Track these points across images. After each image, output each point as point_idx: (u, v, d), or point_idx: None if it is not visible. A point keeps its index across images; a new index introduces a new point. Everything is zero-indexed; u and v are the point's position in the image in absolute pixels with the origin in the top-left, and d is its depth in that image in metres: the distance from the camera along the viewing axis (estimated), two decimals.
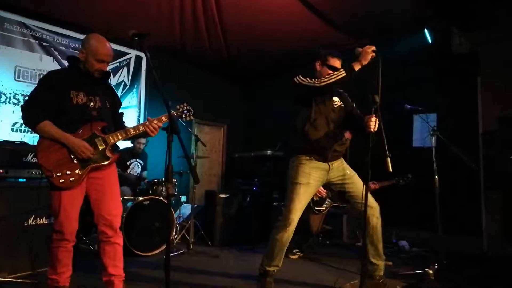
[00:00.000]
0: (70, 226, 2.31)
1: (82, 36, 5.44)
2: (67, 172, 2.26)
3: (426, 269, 3.18)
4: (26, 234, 3.00)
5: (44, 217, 3.15)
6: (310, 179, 2.79)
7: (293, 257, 4.19)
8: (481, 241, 4.44)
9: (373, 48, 2.58)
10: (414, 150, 5.18)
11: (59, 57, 5.25)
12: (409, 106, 3.79)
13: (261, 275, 2.90)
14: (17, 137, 4.71)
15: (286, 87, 2.99)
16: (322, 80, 2.66)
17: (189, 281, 3.11)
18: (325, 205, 4.26)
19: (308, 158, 2.81)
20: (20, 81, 4.88)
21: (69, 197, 2.29)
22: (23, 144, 3.33)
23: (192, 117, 2.64)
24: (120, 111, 2.71)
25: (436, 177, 3.63)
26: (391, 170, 2.37)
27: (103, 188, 2.44)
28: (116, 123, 2.60)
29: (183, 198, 5.72)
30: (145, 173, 5.07)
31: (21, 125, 4.83)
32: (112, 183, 2.50)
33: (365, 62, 2.59)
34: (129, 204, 4.04)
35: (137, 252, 3.89)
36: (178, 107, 2.61)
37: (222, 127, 7.82)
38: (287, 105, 3.02)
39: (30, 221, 3.05)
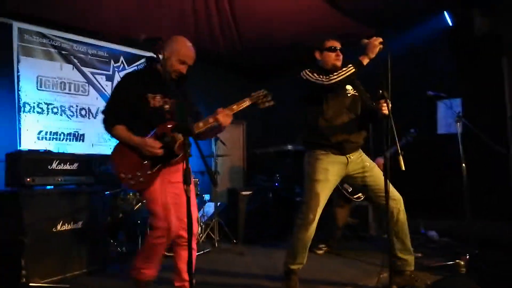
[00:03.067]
0: (169, 218, 2.31)
1: (99, 42, 5.58)
2: (137, 173, 2.31)
3: (457, 261, 3.06)
4: (55, 239, 3.08)
5: (72, 222, 3.23)
6: (329, 175, 2.70)
7: (319, 252, 4.14)
8: None
9: (380, 39, 2.49)
10: (439, 137, 5.03)
11: (78, 64, 5.35)
12: (432, 93, 3.68)
13: (286, 274, 2.85)
14: (43, 145, 4.83)
15: None
16: (331, 78, 2.56)
17: (215, 280, 3.12)
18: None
19: (324, 152, 2.71)
20: (43, 90, 5.00)
21: (155, 192, 2.32)
22: (47, 152, 3.41)
23: (272, 103, 2.61)
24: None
25: (464, 164, 3.50)
26: (404, 169, 2.32)
27: (181, 192, 2.31)
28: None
29: (207, 197, 5.76)
30: None
31: (46, 133, 4.96)
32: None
33: (372, 55, 2.51)
34: None
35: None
36: (253, 93, 2.61)
37: (241, 124, 7.81)
38: None
39: (58, 227, 3.13)
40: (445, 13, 4.69)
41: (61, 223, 3.15)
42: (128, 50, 5.92)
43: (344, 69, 2.56)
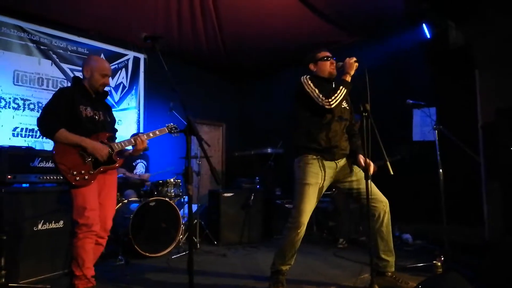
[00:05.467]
0: (96, 218, 2.56)
1: (79, 39, 5.47)
2: (82, 171, 2.55)
3: (434, 262, 3.20)
4: (36, 239, 3.00)
5: (53, 221, 3.15)
6: (319, 179, 2.77)
7: (340, 246, 4.54)
8: (483, 231, 4.51)
9: (354, 58, 2.78)
10: (414, 144, 5.23)
11: (57, 60, 5.22)
12: (411, 101, 3.84)
13: (274, 274, 2.88)
14: (18, 142, 4.69)
15: (283, 84, 3.07)
16: (331, 102, 2.70)
17: (200, 282, 3.11)
18: None
19: (315, 157, 2.78)
20: (19, 85, 4.84)
21: (90, 192, 2.56)
22: (29, 149, 3.33)
23: (178, 134, 2.90)
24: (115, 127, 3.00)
25: (441, 170, 3.67)
26: (392, 173, 2.55)
27: (105, 193, 2.74)
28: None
29: (187, 198, 5.72)
30: (147, 175, 5.07)
31: (21, 130, 4.80)
32: (113, 187, 2.85)
33: (352, 72, 2.76)
34: (135, 206, 4.05)
35: (144, 253, 3.90)
36: (167, 125, 2.97)
37: (221, 126, 7.82)
38: (285, 102, 3.07)
39: (39, 226, 3.05)
40: (424, 25, 4.88)
41: (42, 222, 3.07)
42: (109, 48, 5.83)
43: (338, 92, 2.73)
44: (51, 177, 3.24)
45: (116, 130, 2.97)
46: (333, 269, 3.57)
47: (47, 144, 4.95)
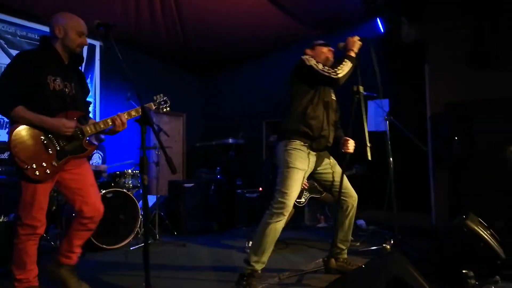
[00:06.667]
0: (43, 219, 2.25)
1: (29, 24, 5.19)
2: (43, 164, 2.16)
3: (384, 245, 3.42)
4: None
5: (2, 215, 3.02)
6: (306, 165, 2.67)
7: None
8: (430, 216, 4.82)
9: (357, 37, 2.69)
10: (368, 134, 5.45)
11: (5, 46, 4.93)
12: (365, 93, 3.98)
13: (247, 277, 2.58)
14: None
15: (246, 75, 3.04)
16: (338, 72, 2.56)
17: (159, 274, 3.09)
18: (304, 197, 4.25)
19: (303, 143, 2.67)
20: None
21: (43, 189, 2.21)
22: None
23: (168, 109, 2.61)
24: (87, 99, 2.62)
25: (391, 158, 3.86)
26: (370, 159, 2.57)
27: (83, 178, 2.40)
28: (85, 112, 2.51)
29: (142, 189, 5.65)
30: (104, 166, 4.95)
31: None
32: (91, 172, 2.49)
33: (356, 50, 2.67)
34: None
35: (101, 245, 3.83)
36: (155, 98, 2.58)
37: (181, 117, 7.74)
38: (246, 93, 3.05)
39: None
40: (378, 20, 5.08)
41: None
42: None
43: (342, 63, 2.59)
44: (1, 169, 3.10)
45: (90, 103, 2.62)
46: (295, 256, 3.68)
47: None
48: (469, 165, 4.45)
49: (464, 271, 2.20)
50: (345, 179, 2.84)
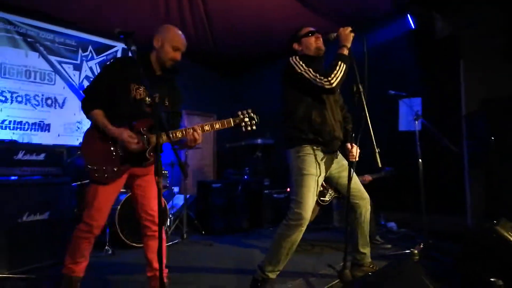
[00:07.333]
0: (100, 220, 2.30)
1: (66, 30, 5.45)
2: (104, 167, 2.22)
3: (412, 249, 3.29)
4: (21, 231, 3.04)
5: (38, 213, 3.20)
6: (320, 170, 2.53)
7: None
8: (465, 219, 4.60)
9: (349, 28, 2.48)
10: (399, 134, 5.28)
11: (44, 52, 5.21)
12: (393, 92, 3.88)
13: (261, 282, 2.54)
14: (6, 135, 4.71)
15: (274, 74, 2.91)
16: (332, 80, 2.37)
17: (185, 271, 3.18)
18: (328, 196, 4.07)
19: (315, 147, 2.53)
20: (7, 78, 4.85)
21: (104, 192, 2.26)
22: (13, 142, 3.36)
23: (254, 127, 2.38)
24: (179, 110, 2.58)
25: (420, 160, 3.73)
26: (380, 165, 2.34)
27: (147, 184, 2.41)
28: (171, 123, 2.46)
29: (176, 189, 5.79)
30: None
31: (10, 122, 4.83)
32: (152, 181, 2.42)
33: (349, 45, 2.46)
34: (122, 196, 4.10)
35: (131, 243, 3.97)
36: (240, 113, 2.38)
37: (212, 117, 7.85)
38: (274, 92, 2.92)
39: (24, 218, 3.09)
40: (408, 16, 4.91)
41: (27, 214, 3.11)
42: (97, 40, 5.82)
43: (336, 68, 2.40)
44: (36, 169, 3.28)
45: (178, 114, 2.54)
46: (309, 259, 3.63)
47: (35, 137, 4.99)
48: (507, 166, 4.20)
49: (492, 279, 2.09)
50: (356, 180, 2.69)
